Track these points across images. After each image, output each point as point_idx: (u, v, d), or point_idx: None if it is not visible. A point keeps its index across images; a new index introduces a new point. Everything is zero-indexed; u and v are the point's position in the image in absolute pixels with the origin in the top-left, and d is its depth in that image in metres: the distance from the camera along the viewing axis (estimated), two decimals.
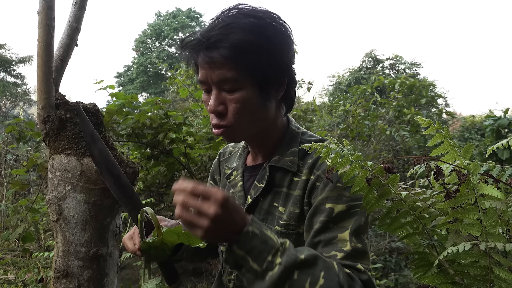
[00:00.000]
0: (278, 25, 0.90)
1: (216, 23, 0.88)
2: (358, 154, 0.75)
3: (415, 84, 5.41)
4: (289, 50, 0.92)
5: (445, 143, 0.71)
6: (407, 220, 0.75)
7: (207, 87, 0.91)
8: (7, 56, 20.30)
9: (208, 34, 0.85)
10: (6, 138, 6.18)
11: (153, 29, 30.92)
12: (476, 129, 10.53)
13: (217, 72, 0.86)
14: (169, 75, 4.81)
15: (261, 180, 0.98)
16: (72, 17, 1.03)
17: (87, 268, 0.97)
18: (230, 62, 0.84)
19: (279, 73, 0.91)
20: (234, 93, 0.87)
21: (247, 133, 0.95)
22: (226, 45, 0.83)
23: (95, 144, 0.94)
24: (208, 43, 0.85)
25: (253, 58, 0.85)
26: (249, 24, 0.85)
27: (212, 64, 0.85)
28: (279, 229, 0.93)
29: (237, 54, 0.83)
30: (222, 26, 0.85)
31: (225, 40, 0.83)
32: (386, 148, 5.07)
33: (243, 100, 0.88)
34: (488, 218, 0.62)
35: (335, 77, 18.08)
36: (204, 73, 0.88)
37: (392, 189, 0.73)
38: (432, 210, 0.74)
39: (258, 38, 0.85)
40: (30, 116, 20.11)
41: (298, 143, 0.97)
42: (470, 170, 0.65)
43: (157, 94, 26.57)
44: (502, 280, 0.61)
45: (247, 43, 0.84)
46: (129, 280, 3.24)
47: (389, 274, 3.30)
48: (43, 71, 0.95)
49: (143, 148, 3.11)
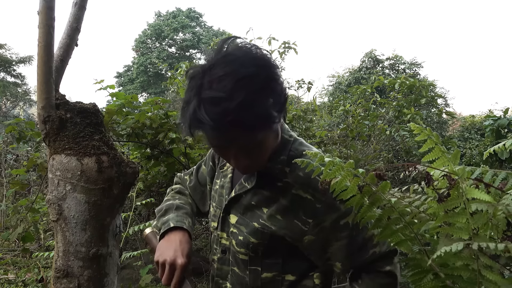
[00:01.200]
0: (273, 68, 0.86)
1: (224, 101, 0.80)
2: (350, 162, 0.76)
3: (415, 84, 5.40)
4: (281, 81, 0.88)
5: (435, 149, 0.73)
6: (399, 227, 0.77)
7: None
8: (7, 56, 20.28)
9: (213, 116, 0.80)
10: (6, 138, 6.18)
11: (153, 29, 30.90)
12: (476, 129, 10.54)
13: (245, 147, 0.88)
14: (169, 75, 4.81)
15: (247, 181, 1.03)
16: (72, 17, 1.03)
17: (87, 268, 0.97)
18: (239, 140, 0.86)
19: (277, 113, 0.88)
20: (249, 155, 0.91)
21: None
22: (246, 129, 0.82)
23: None
24: (218, 129, 0.82)
25: (269, 121, 0.85)
26: (258, 86, 0.81)
27: (224, 145, 0.89)
28: (256, 226, 0.98)
29: (250, 129, 0.83)
30: (236, 105, 0.79)
31: (243, 123, 0.81)
32: (386, 148, 5.07)
33: (259, 153, 0.91)
34: (475, 221, 0.63)
35: (335, 77, 18.09)
36: (216, 149, 0.94)
37: (382, 196, 0.74)
38: (423, 215, 0.75)
39: (268, 96, 0.83)
40: (30, 116, 20.12)
41: (287, 151, 0.99)
42: (458, 175, 0.67)
43: (157, 94, 26.56)
44: (490, 282, 0.62)
45: (260, 116, 0.82)
46: (129, 280, 3.24)
47: None
48: (43, 71, 0.95)
49: (143, 148, 3.10)
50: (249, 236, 0.98)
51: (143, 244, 3.61)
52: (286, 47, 4.41)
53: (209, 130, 0.81)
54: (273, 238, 0.97)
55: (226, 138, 0.83)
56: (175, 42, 31.32)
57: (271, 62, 0.85)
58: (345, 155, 4.01)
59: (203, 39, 29.80)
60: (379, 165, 3.69)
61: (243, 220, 1.01)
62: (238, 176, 1.09)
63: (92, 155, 0.98)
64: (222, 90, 0.79)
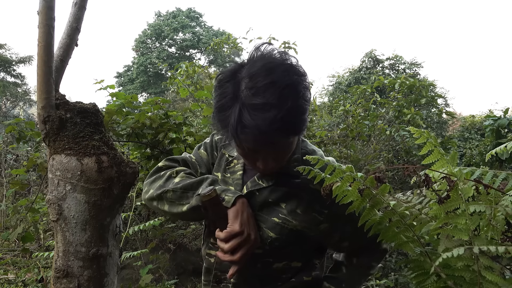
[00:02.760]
0: (304, 83, 0.91)
1: (271, 111, 0.84)
2: (349, 166, 0.77)
3: (415, 84, 5.40)
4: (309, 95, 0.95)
5: (434, 151, 0.75)
6: (401, 229, 0.77)
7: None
8: (7, 56, 20.29)
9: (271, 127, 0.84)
10: (6, 138, 6.18)
11: (153, 29, 30.89)
12: (476, 129, 10.54)
13: (276, 151, 0.94)
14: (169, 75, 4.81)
15: (262, 179, 1.04)
16: (72, 17, 1.03)
17: (87, 268, 0.97)
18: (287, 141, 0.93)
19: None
20: (281, 153, 0.96)
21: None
22: (293, 131, 0.91)
23: None
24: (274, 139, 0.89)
25: (301, 128, 0.92)
26: (299, 94, 0.88)
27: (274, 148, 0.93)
28: (276, 220, 1.01)
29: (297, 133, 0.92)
30: (284, 112, 0.84)
31: (289, 130, 0.89)
32: (386, 148, 5.07)
33: (288, 153, 0.98)
34: (473, 222, 0.63)
35: (335, 77, 18.08)
36: (259, 151, 0.95)
37: (383, 199, 0.75)
38: (423, 217, 0.76)
39: (307, 103, 0.91)
40: (30, 116, 20.11)
41: (300, 150, 1.07)
42: (457, 176, 0.67)
43: (157, 94, 26.56)
44: (490, 283, 0.62)
45: (303, 121, 0.90)
46: (129, 280, 3.24)
47: (389, 274, 3.30)
48: (43, 71, 0.95)
49: (143, 148, 3.10)
50: (268, 231, 1.01)
51: (143, 244, 3.61)
52: (286, 47, 4.41)
53: (254, 135, 0.85)
54: (292, 232, 1.01)
55: (270, 142, 0.88)
56: (175, 42, 31.32)
57: (304, 70, 0.92)
58: (345, 155, 4.01)
59: (203, 39, 29.79)
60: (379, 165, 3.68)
61: (260, 216, 1.02)
62: (250, 174, 1.09)
63: (92, 155, 0.98)
64: (269, 98, 0.83)
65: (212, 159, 1.18)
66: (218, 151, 1.19)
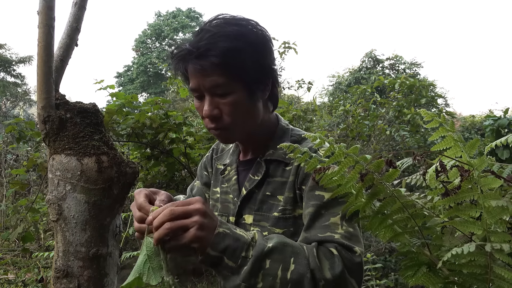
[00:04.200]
0: (258, 30, 0.97)
1: (202, 33, 0.93)
2: (356, 146, 0.73)
3: (415, 84, 5.40)
4: (270, 53, 0.99)
5: (448, 137, 0.68)
6: (396, 220, 0.73)
7: (199, 93, 0.96)
8: (7, 56, 20.29)
9: (197, 45, 0.91)
10: (6, 138, 6.18)
11: (153, 29, 30.90)
12: (476, 129, 10.54)
13: (208, 79, 0.92)
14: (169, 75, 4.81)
15: (256, 173, 1.04)
16: (72, 17, 1.03)
17: (87, 268, 0.97)
18: (221, 68, 0.90)
19: (264, 74, 0.98)
20: (226, 97, 0.94)
21: (241, 133, 1.01)
22: (215, 53, 0.89)
23: None
24: (198, 52, 0.91)
25: (241, 62, 0.91)
26: (233, 32, 0.92)
27: (203, 71, 0.91)
28: (277, 215, 0.98)
29: (226, 60, 0.89)
30: (209, 36, 0.91)
31: (213, 48, 0.90)
32: (386, 148, 5.08)
33: (236, 102, 0.94)
34: (492, 216, 0.60)
35: (335, 77, 18.09)
36: (195, 81, 0.94)
37: (386, 186, 0.70)
38: (426, 212, 0.72)
39: (243, 44, 0.92)
40: (30, 116, 20.11)
41: (289, 137, 1.06)
42: (474, 166, 0.62)
43: (157, 94, 26.56)
44: (501, 279, 0.60)
45: (234, 49, 0.90)
46: None
47: (389, 274, 3.30)
48: (43, 71, 0.95)
49: (143, 148, 3.10)
50: (274, 228, 0.98)
51: None
52: (286, 47, 4.41)
53: (176, 56, 0.94)
54: (296, 221, 0.97)
55: (195, 64, 0.91)
56: (175, 42, 31.30)
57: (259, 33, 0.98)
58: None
59: None
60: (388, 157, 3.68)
61: (261, 216, 1.01)
62: (244, 174, 1.09)
63: (92, 155, 0.98)
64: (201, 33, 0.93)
65: (208, 179, 1.24)
66: (211, 167, 1.24)
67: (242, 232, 0.82)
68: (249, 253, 0.79)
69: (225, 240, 0.78)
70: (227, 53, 0.89)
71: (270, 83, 1.01)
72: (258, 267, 0.78)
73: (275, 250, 0.80)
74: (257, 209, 1.02)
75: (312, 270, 0.79)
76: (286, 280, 0.78)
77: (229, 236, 0.79)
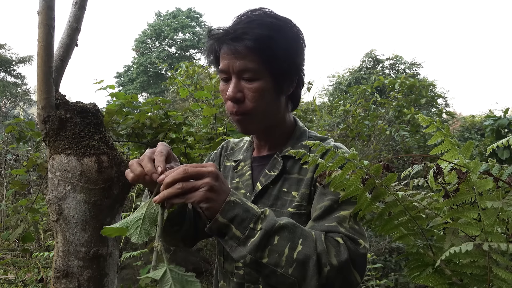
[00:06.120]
0: (295, 29, 1.00)
1: (241, 19, 0.97)
2: (354, 153, 0.74)
3: (415, 84, 5.41)
4: (301, 52, 1.02)
5: (445, 141, 0.71)
6: (401, 221, 0.74)
7: (227, 75, 0.98)
8: (7, 56, 20.29)
9: (235, 27, 0.95)
10: (6, 138, 6.18)
11: (153, 29, 30.90)
12: (476, 129, 10.53)
13: (239, 62, 0.94)
14: (169, 75, 4.81)
15: (273, 168, 1.04)
16: (72, 17, 1.03)
17: (87, 268, 0.97)
18: (253, 53, 0.93)
19: (292, 70, 1.00)
20: (253, 83, 0.95)
21: (261, 122, 1.02)
22: (250, 38, 0.92)
23: None
24: (235, 34, 0.94)
25: (273, 52, 0.93)
26: (271, 23, 0.95)
27: (236, 53, 0.94)
28: (291, 210, 0.98)
29: (259, 46, 0.92)
30: (248, 22, 0.94)
31: (250, 33, 0.92)
32: (386, 148, 5.08)
33: (261, 89, 0.96)
34: (488, 217, 0.61)
35: (335, 77, 18.09)
36: (226, 62, 0.96)
37: (387, 190, 0.72)
38: (429, 211, 0.73)
39: (278, 35, 0.94)
40: (30, 116, 20.11)
41: (307, 137, 1.08)
42: (470, 169, 0.64)
43: (157, 94, 26.57)
44: (501, 280, 0.60)
45: (268, 38, 0.93)
46: (129, 280, 3.24)
47: (389, 274, 3.30)
48: (43, 71, 0.95)
49: (143, 148, 3.10)
50: None
51: (143, 244, 3.60)
52: None
53: (211, 39, 0.98)
54: (309, 218, 0.96)
55: (229, 46, 0.94)
56: (175, 42, 31.33)
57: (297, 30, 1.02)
58: None
59: (203, 39, 29.76)
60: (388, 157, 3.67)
61: (274, 211, 0.99)
62: (258, 170, 1.08)
63: (92, 155, 0.98)
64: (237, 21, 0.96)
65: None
66: (218, 164, 1.22)
67: (253, 205, 0.83)
68: (258, 226, 0.79)
69: (235, 209, 0.79)
70: (261, 40, 0.92)
71: (295, 81, 1.03)
72: (266, 242, 0.79)
73: (285, 228, 0.81)
74: (271, 205, 1.01)
75: (319, 254, 0.80)
76: (292, 259, 0.79)
77: (239, 206, 0.80)
